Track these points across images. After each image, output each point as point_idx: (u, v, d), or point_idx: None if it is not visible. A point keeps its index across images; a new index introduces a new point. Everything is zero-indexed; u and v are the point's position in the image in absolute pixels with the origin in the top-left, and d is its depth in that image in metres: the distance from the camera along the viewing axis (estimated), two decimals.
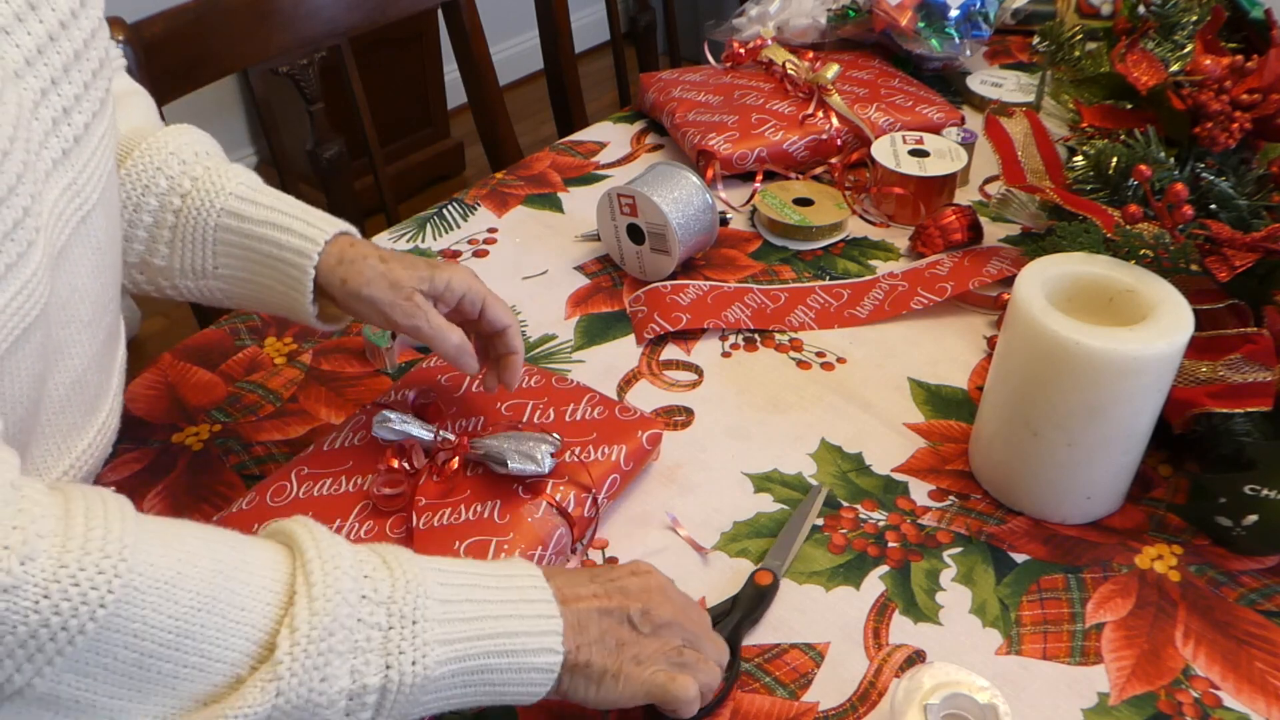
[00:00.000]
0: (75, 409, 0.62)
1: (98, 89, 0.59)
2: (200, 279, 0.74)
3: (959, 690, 0.60)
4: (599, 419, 0.81)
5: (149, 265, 0.74)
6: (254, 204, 0.73)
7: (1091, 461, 0.74)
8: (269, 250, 0.72)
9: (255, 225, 0.72)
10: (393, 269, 0.72)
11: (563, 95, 1.55)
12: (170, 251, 0.73)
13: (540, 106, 3.03)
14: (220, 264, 0.74)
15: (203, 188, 0.73)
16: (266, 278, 0.73)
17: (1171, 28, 0.98)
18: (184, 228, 0.73)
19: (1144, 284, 0.74)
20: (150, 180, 0.72)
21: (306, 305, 0.73)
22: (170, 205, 0.72)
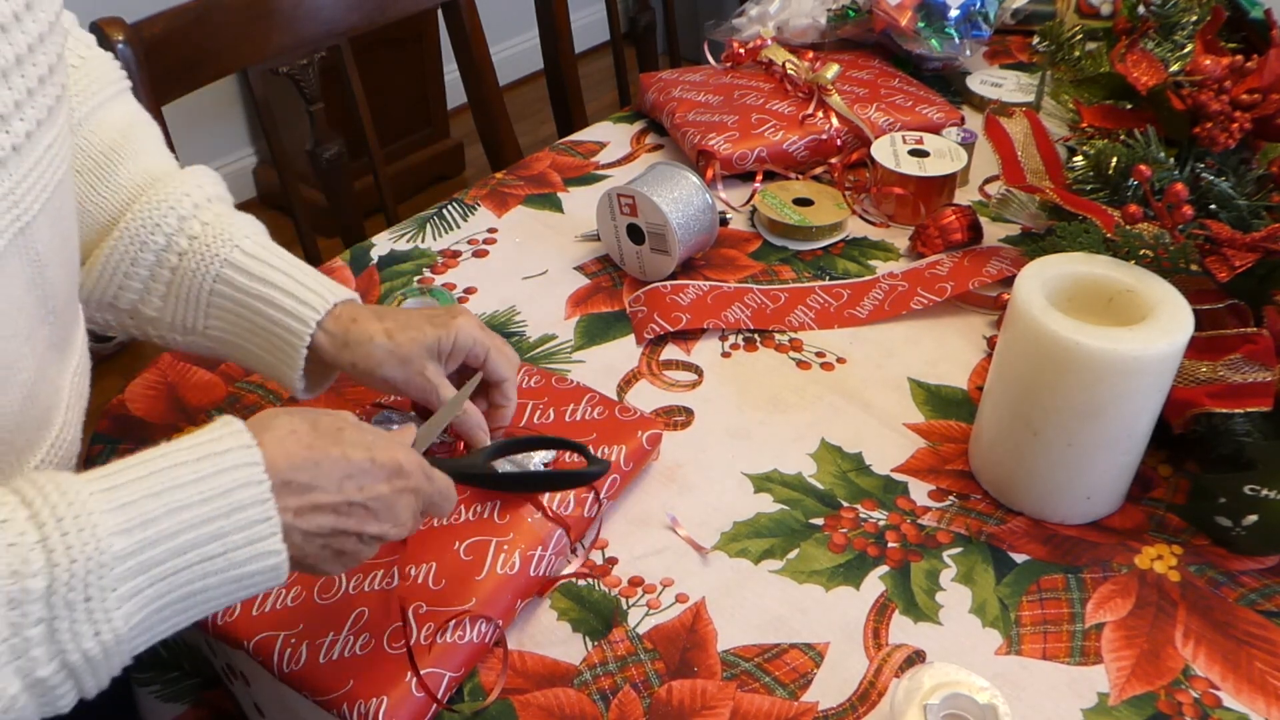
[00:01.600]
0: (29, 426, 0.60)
1: (45, 96, 0.56)
2: (190, 335, 0.73)
3: (959, 690, 0.60)
4: (599, 419, 0.81)
5: (139, 314, 0.73)
6: (248, 272, 0.71)
7: (1091, 461, 0.74)
8: (262, 322, 0.71)
9: (249, 296, 0.71)
10: (400, 345, 0.71)
11: (563, 95, 1.55)
12: (164, 305, 0.72)
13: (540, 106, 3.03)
14: (211, 325, 0.73)
15: (199, 248, 0.71)
16: (257, 345, 0.72)
17: (1171, 28, 0.98)
18: (179, 285, 0.71)
19: (1144, 284, 0.74)
20: (148, 236, 0.71)
21: (295, 378, 0.72)
22: (167, 262, 0.71)
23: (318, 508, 0.54)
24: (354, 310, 0.73)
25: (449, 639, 0.66)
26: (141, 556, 0.48)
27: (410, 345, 0.71)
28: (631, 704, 0.66)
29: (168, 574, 0.49)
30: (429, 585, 0.69)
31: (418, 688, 0.64)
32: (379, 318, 0.72)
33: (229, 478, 0.51)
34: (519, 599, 0.70)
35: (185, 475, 0.50)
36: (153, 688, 0.81)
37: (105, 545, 0.47)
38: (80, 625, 0.46)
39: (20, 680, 0.46)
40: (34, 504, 0.47)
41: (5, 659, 0.45)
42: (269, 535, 0.51)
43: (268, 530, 0.51)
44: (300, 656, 0.65)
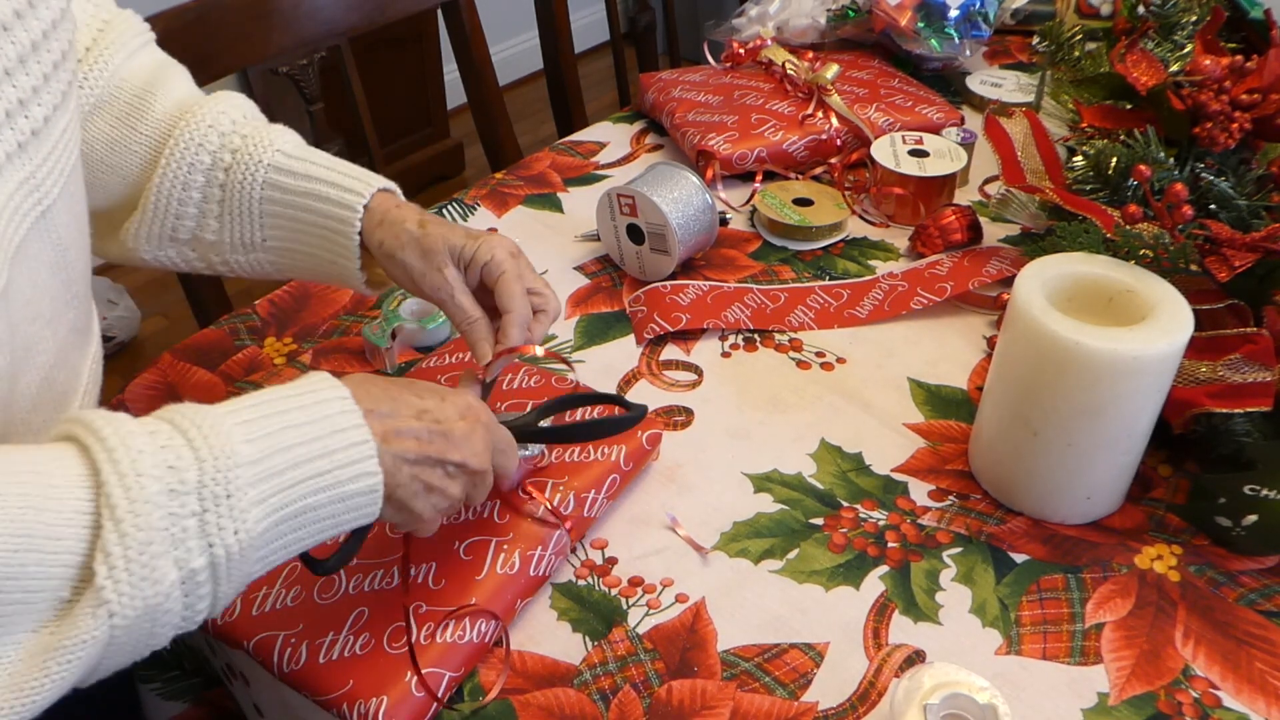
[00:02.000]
0: (45, 407, 0.62)
1: (59, 81, 0.58)
2: (251, 252, 0.75)
3: (959, 690, 0.60)
4: (598, 419, 0.81)
5: (200, 241, 0.75)
6: (292, 173, 0.73)
7: (1091, 461, 0.74)
8: (312, 219, 0.73)
9: (296, 195, 0.73)
10: (428, 234, 0.72)
11: (563, 95, 1.55)
12: (220, 226, 0.74)
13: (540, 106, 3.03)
14: (269, 235, 0.75)
15: (243, 160, 0.73)
16: (314, 245, 0.74)
17: (1171, 28, 0.98)
18: (230, 201, 0.73)
19: (1144, 284, 0.74)
20: (194, 158, 0.73)
21: (355, 269, 0.74)
22: (215, 180, 0.73)
23: (400, 433, 0.59)
24: (396, 199, 0.75)
25: (449, 638, 0.66)
26: (267, 463, 0.53)
27: (436, 239, 0.72)
28: (631, 704, 0.66)
29: (287, 485, 0.53)
30: (429, 585, 0.69)
31: (418, 687, 0.64)
32: (418, 210, 0.74)
33: (326, 406, 0.56)
34: (519, 599, 0.70)
35: (291, 404, 0.56)
36: (154, 685, 0.81)
37: (237, 450, 0.52)
38: (224, 519, 0.51)
39: (177, 571, 0.50)
40: (175, 419, 0.52)
41: (166, 546, 0.49)
42: (367, 456, 0.56)
43: (366, 451, 0.56)
44: (300, 656, 0.65)
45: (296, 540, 0.55)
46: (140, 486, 0.49)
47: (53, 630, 0.49)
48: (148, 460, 0.50)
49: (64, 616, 0.49)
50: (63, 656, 0.48)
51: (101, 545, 0.48)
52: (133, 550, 0.49)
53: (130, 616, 0.49)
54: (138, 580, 0.49)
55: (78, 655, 0.48)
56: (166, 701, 0.81)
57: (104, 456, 0.50)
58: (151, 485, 0.50)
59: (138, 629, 0.50)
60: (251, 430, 0.53)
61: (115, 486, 0.49)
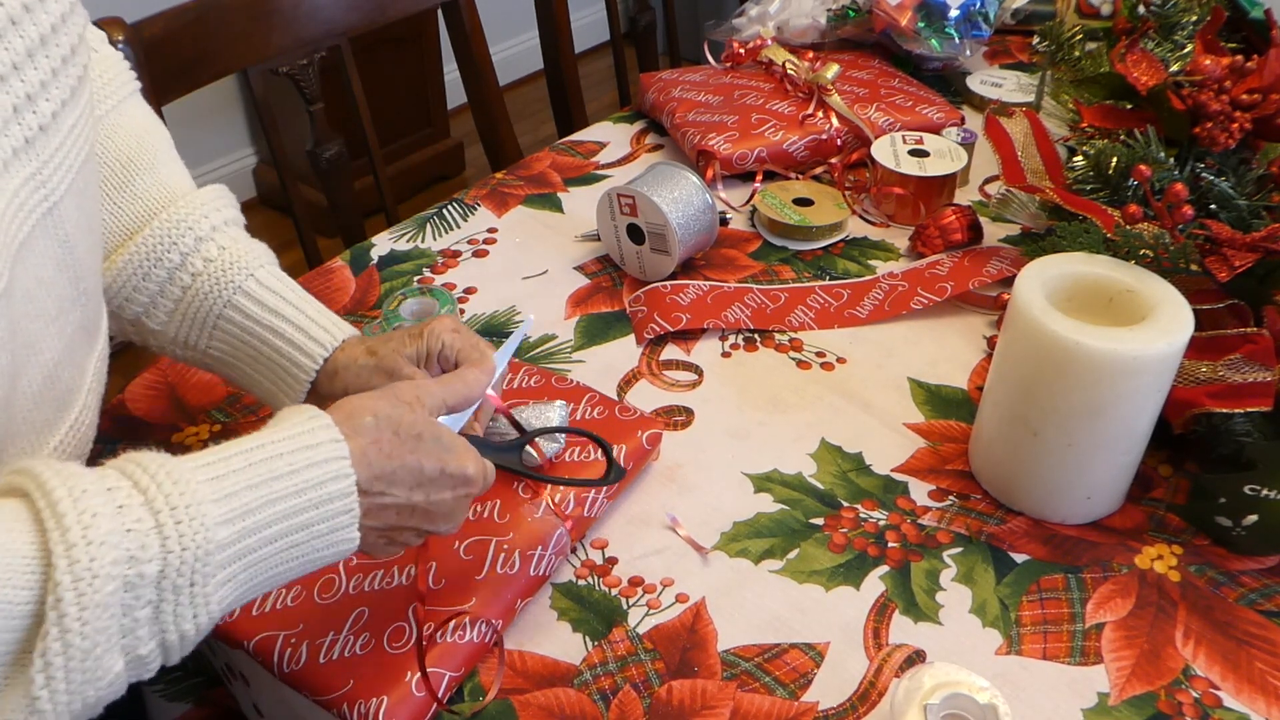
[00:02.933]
0: (48, 405, 0.61)
1: (68, 76, 0.57)
2: (190, 351, 0.74)
3: (959, 690, 0.60)
4: (599, 419, 0.81)
5: (142, 325, 0.74)
6: (261, 303, 0.72)
7: (1091, 461, 0.74)
8: (268, 352, 0.72)
9: (258, 325, 0.72)
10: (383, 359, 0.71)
11: (563, 95, 1.55)
12: (168, 321, 0.73)
13: (540, 106, 3.03)
14: (214, 346, 0.74)
15: (214, 273, 0.72)
16: (260, 374, 0.73)
17: (1171, 28, 0.98)
18: (188, 305, 0.72)
19: (1144, 284, 0.74)
20: (163, 253, 0.72)
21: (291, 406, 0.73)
22: (179, 281, 0.72)
23: (385, 508, 0.58)
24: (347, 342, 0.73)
25: (449, 639, 0.66)
26: (241, 544, 0.51)
27: (390, 357, 0.71)
28: (631, 704, 0.66)
29: (259, 560, 0.52)
30: (429, 585, 0.69)
31: (418, 687, 0.64)
32: (363, 342, 0.73)
33: (321, 470, 0.54)
34: (519, 598, 0.70)
35: (282, 467, 0.53)
36: (156, 687, 0.81)
37: (212, 534, 0.49)
38: (183, 608, 0.49)
39: (123, 659, 0.48)
40: (148, 490, 0.49)
41: (114, 638, 0.47)
42: (348, 526, 0.55)
43: (348, 521, 0.55)
44: (300, 656, 0.65)
45: (254, 594, 0.54)
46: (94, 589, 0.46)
47: None
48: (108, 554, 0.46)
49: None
50: None
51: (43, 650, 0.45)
52: (75, 660, 0.46)
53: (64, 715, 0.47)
54: (77, 685, 0.46)
55: None
56: (170, 703, 0.81)
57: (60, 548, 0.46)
58: (107, 585, 0.46)
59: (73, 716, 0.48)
60: (231, 506, 0.51)
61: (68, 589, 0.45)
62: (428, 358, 0.72)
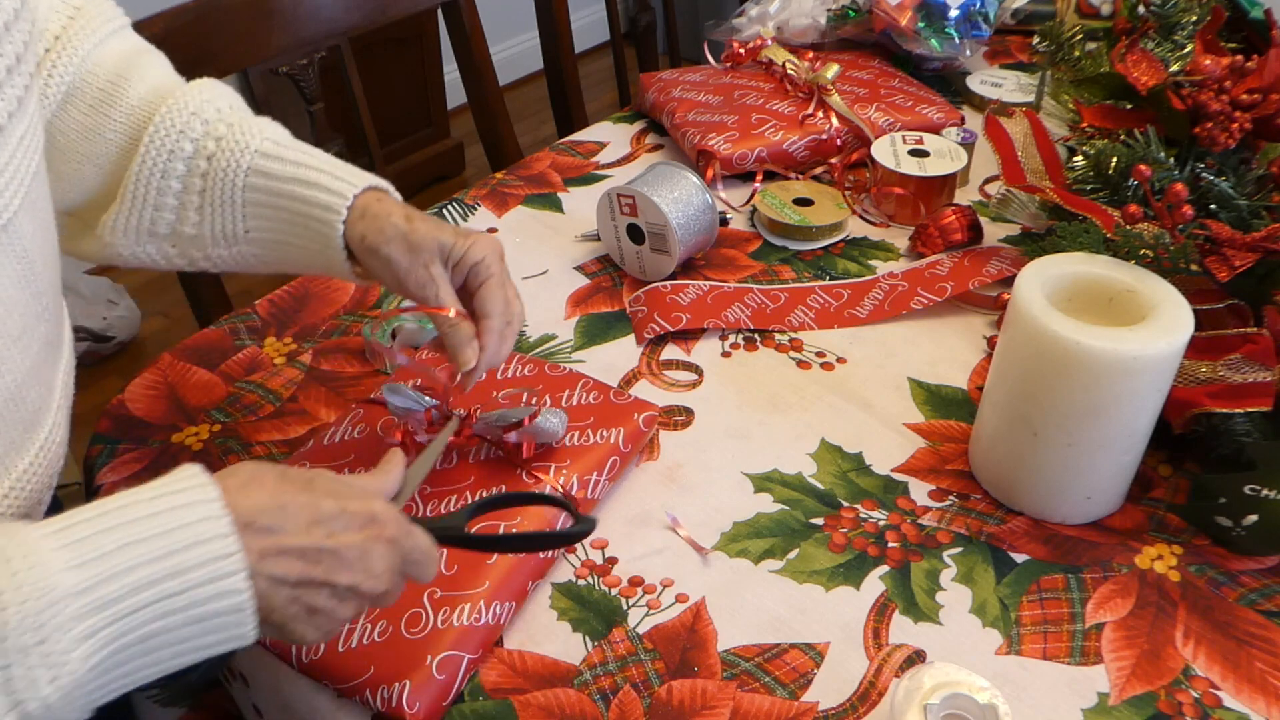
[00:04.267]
0: (13, 427, 0.59)
1: (14, 87, 0.55)
2: (233, 245, 0.72)
3: (959, 690, 0.60)
4: (595, 404, 0.82)
5: (180, 235, 0.71)
6: (279, 160, 0.70)
7: (1091, 461, 0.74)
8: (297, 208, 0.69)
9: (282, 183, 0.69)
10: (416, 230, 0.68)
11: (563, 95, 1.55)
12: (200, 218, 0.70)
13: (540, 106, 3.03)
14: (251, 226, 0.71)
15: (227, 148, 0.69)
16: (298, 236, 0.71)
17: (1171, 28, 0.98)
18: (212, 191, 0.70)
19: (1144, 284, 0.74)
20: (175, 145, 0.69)
21: (341, 261, 0.70)
22: (197, 169, 0.70)
23: (283, 551, 0.51)
24: (383, 195, 0.71)
25: (465, 621, 0.67)
26: (96, 593, 0.46)
27: (425, 236, 0.68)
28: (631, 704, 0.66)
29: (125, 612, 0.46)
30: (442, 570, 0.70)
31: (439, 670, 0.65)
32: (404, 206, 0.71)
33: (186, 513, 0.48)
34: (530, 580, 0.71)
35: (140, 512, 0.48)
36: (151, 692, 0.81)
37: (56, 582, 0.44)
38: (36, 671, 0.44)
39: None
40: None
41: None
42: (232, 572, 0.49)
43: (230, 566, 0.48)
44: (319, 647, 0.66)
45: (148, 666, 0.48)
46: None
47: None
48: None
49: None
50: None
51: None
52: None
53: None
54: None
55: None
56: (164, 708, 0.81)
57: None
58: None
59: None
60: (80, 551, 0.46)
61: None
62: (459, 262, 0.70)
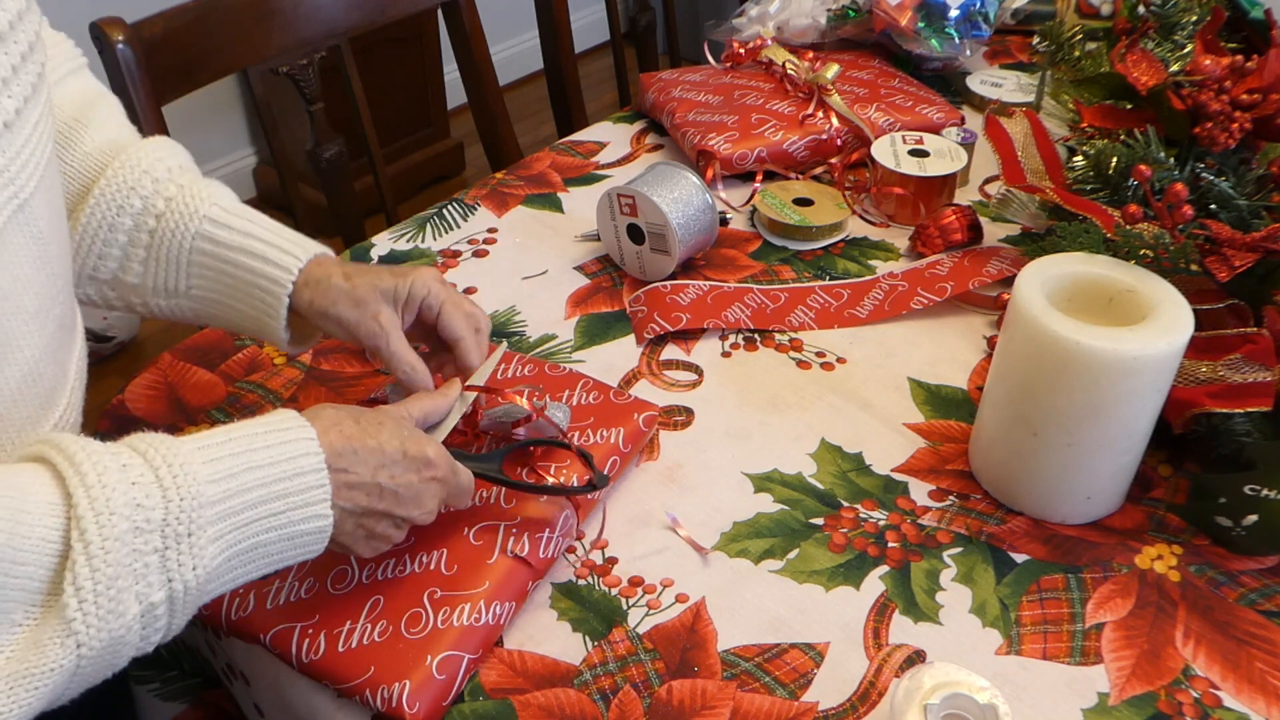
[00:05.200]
0: (29, 403, 0.61)
1: (28, 73, 0.57)
2: (173, 298, 0.75)
3: (959, 690, 0.60)
4: (595, 404, 0.82)
5: (121, 283, 0.74)
6: (227, 228, 0.73)
7: (1091, 461, 0.74)
8: (243, 275, 0.73)
9: (230, 250, 0.73)
10: (357, 285, 0.73)
11: (563, 95, 1.55)
12: (144, 270, 0.74)
13: (540, 106, 3.03)
14: (194, 284, 0.74)
15: (176, 209, 0.73)
16: (240, 301, 0.74)
17: (1171, 28, 0.98)
18: (159, 248, 0.73)
19: (1144, 284, 0.74)
20: (124, 200, 0.72)
21: (279, 329, 0.74)
22: (145, 225, 0.73)
23: (353, 486, 0.61)
24: (323, 259, 0.75)
25: (465, 621, 0.67)
26: (227, 504, 0.55)
27: (366, 289, 0.73)
28: (631, 704, 0.66)
29: (243, 523, 0.56)
30: (442, 570, 0.70)
31: (439, 670, 0.65)
32: (341, 265, 0.75)
33: (292, 448, 0.59)
34: (530, 580, 0.71)
35: (258, 444, 0.58)
36: (151, 685, 0.81)
37: (201, 491, 0.54)
38: (184, 556, 0.53)
39: (138, 604, 0.52)
40: (148, 454, 0.55)
41: (129, 581, 0.52)
42: (321, 500, 0.59)
43: (321, 495, 0.59)
44: (319, 646, 0.66)
45: (245, 574, 0.58)
46: (112, 524, 0.51)
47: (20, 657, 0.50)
48: (120, 497, 0.52)
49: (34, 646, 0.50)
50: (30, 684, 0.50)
51: (73, 578, 0.50)
52: (102, 584, 0.51)
53: (96, 648, 0.51)
54: (104, 614, 0.51)
55: (45, 683, 0.50)
56: (164, 702, 0.81)
57: (80, 490, 0.52)
58: (121, 523, 0.52)
59: (101, 659, 0.52)
60: (217, 469, 0.56)
61: (90, 521, 0.51)
62: (407, 301, 0.74)
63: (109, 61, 1.04)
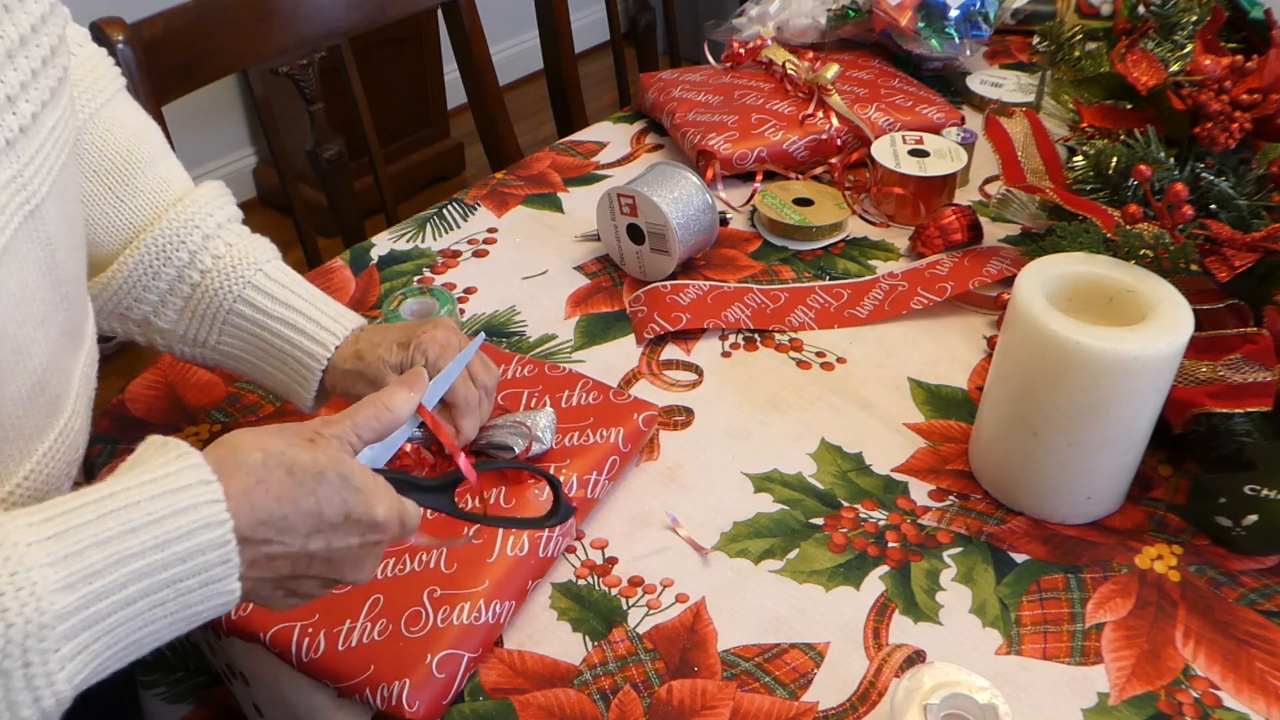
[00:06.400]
0: (36, 411, 0.60)
1: (48, 78, 0.56)
2: (199, 348, 0.75)
3: (959, 690, 0.60)
4: (594, 404, 0.82)
5: (150, 325, 0.75)
6: (271, 297, 0.73)
7: (1091, 461, 0.74)
8: (280, 345, 0.73)
9: (269, 319, 0.73)
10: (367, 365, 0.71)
11: (563, 95, 1.55)
12: (178, 319, 0.74)
13: (540, 106, 3.03)
14: (224, 341, 0.75)
15: (224, 269, 0.73)
16: (270, 365, 0.75)
17: (1171, 28, 0.98)
18: (198, 302, 0.73)
19: (1144, 284, 0.74)
20: (172, 252, 0.72)
21: (307, 398, 0.74)
22: (188, 279, 0.73)
23: (276, 558, 0.51)
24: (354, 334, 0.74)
25: (465, 620, 0.67)
26: (86, 613, 0.44)
27: (376, 365, 0.72)
28: (631, 704, 0.66)
29: (114, 626, 0.46)
30: (441, 569, 0.70)
31: (439, 669, 0.65)
32: (354, 343, 0.73)
33: (186, 519, 0.47)
34: (530, 579, 0.71)
35: (137, 518, 0.46)
36: (158, 690, 0.81)
37: (46, 605, 0.43)
38: (18, 694, 0.42)
39: None
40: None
41: None
42: (225, 578, 0.48)
43: (224, 573, 0.48)
44: (319, 645, 0.66)
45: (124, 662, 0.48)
46: None
47: None
48: None
49: None
50: None
51: None
52: None
53: None
54: None
55: None
56: (171, 705, 0.81)
57: None
58: None
59: None
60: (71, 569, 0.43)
61: None
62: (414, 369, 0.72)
63: None
